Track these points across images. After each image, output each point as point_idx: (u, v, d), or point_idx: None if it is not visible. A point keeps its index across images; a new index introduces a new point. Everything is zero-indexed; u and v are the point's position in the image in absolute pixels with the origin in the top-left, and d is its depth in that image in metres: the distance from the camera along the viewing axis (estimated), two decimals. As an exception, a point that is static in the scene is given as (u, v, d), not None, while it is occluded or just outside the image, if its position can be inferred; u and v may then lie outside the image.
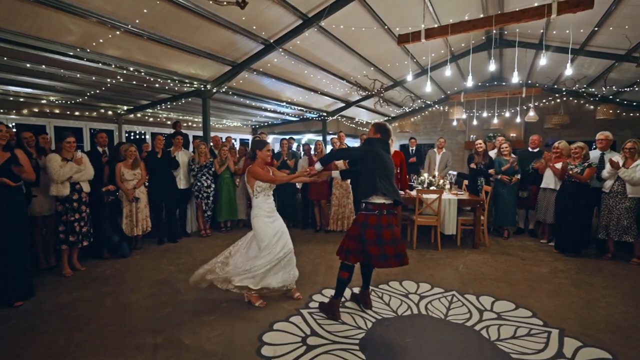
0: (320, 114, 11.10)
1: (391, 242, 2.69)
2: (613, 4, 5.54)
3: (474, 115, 10.10)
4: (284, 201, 5.97)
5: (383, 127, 2.98)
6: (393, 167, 2.90)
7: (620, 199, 4.19)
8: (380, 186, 2.70)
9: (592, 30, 6.71)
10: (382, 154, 2.81)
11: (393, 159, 4.83)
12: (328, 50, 7.26)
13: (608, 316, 2.86)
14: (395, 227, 2.81)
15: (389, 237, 2.69)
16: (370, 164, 2.79)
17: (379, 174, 2.73)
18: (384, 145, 2.91)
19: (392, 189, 2.77)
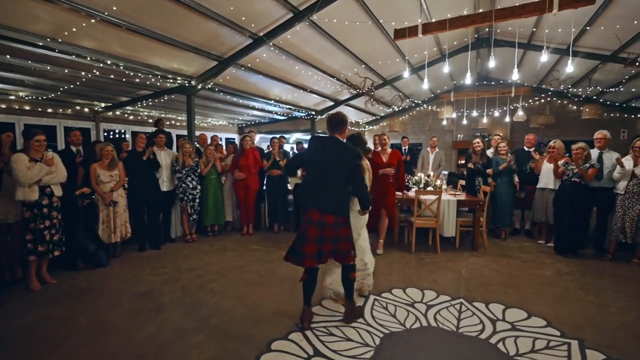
0: (308, 112, 10.84)
1: (315, 241, 2.60)
2: (601, 6, 5.52)
3: (463, 115, 10.06)
4: (275, 202, 5.68)
5: (329, 117, 2.77)
6: (331, 166, 2.61)
7: (637, 200, 4.09)
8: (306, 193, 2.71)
9: (581, 30, 6.72)
10: (312, 154, 2.70)
11: (390, 158, 4.69)
12: (319, 46, 7.01)
13: (624, 323, 2.73)
14: (330, 227, 2.58)
15: (314, 235, 2.60)
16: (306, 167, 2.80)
17: (309, 177, 2.72)
18: (323, 141, 2.70)
19: (313, 196, 2.63)
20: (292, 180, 5.79)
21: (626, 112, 10.83)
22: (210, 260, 4.32)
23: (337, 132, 2.72)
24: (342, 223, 2.65)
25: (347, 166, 2.60)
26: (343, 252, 2.66)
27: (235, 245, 4.99)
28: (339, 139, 2.73)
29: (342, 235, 2.65)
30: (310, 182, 2.70)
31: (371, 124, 14.19)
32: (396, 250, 4.73)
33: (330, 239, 2.62)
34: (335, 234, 2.62)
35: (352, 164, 2.60)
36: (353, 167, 2.60)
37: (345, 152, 2.63)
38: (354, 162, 2.61)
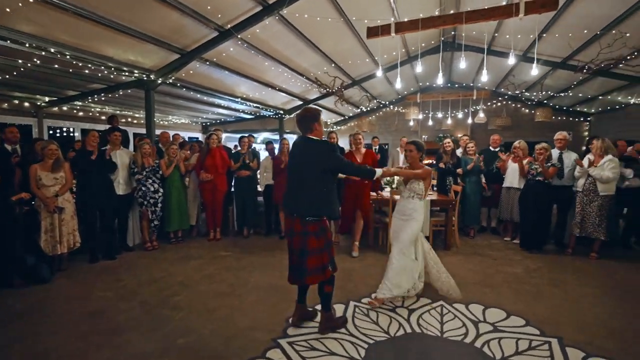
0: (277, 111, 10.57)
1: (298, 254, 2.48)
2: (554, 16, 5.84)
3: (429, 116, 10.31)
4: (244, 204, 5.37)
5: (297, 117, 2.61)
6: (305, 168, 2.47)
7: (593, 197, 4.32)
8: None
9: (536, 37, 7.10)
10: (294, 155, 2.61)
11: (365, 158, 4.60)
12: (288, 43, 6.79)
13: (596, 318, 2.82)
14: (312, 236, 2.43)
15: (297, 245, 2.48)
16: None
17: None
18: (297, 143, 2.59)
19: (290, 200, 2.54)
20: (262, 181, 5.52)
21: (571, 116, 11.69)
22: (174, 270, 3.95)
23: (308, 131, 2.52)
24: (312, 232, 2.44)
25: (323, 166, 2.44)
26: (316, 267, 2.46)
27: (202, 252, 4.63)
28: (311, 137, 2.52)
29: (309, 247, 2.44)
30: (288, 188, 2.62)
31: (339, 124, 14.18)
32: (372, 252, 4.65)
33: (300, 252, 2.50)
34: (302, 245, 2.47)
35: (328, 160, 2.45)
36: (329, 162, 2.45)
37: (318, 151, 2.45)
38: (328, 157, 2.46)
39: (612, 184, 4.27)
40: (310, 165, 2.44)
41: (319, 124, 2.54)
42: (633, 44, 5.99)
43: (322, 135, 2.60)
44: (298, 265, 2.47)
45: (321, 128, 2.56)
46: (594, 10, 5.51)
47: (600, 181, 4.25)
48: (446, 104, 10.57)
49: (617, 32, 5.87)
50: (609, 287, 3.45)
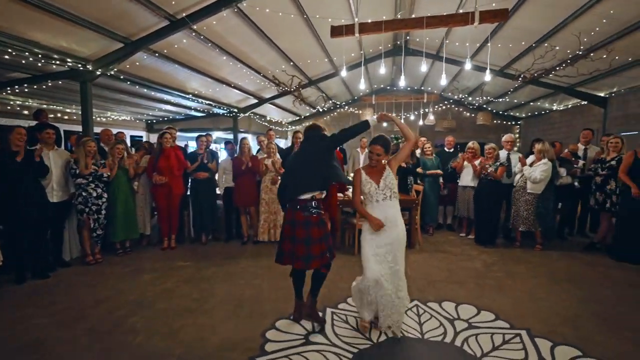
0: (230, 109, 10.09)
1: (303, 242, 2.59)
2: (496, 28, 6.35)
3: (384, 117, 10.63)
4: (202, 209, 4.99)
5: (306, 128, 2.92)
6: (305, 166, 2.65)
7: (522, 193, 4.73)
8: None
9: (479, 46, 7.66)
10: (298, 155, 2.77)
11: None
12: (246, 38, 6.49)
13: (552, 307, 3.05)
14: (314, 226, 2.61)
15: (301, 235, 2.59)
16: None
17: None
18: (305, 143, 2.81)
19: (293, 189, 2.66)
20: (221, 183, 5.18)
21: (505, 119, 12.87)
22: (125, 287, 3.50)
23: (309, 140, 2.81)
24: (315, 223, 2.64)
25: (323, 152, 2.66)
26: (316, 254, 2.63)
27: (156, 264, 4.19)
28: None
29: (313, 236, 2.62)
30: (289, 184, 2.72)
31: (294, 124, 14.03)
32: (339, 254, 4.57)
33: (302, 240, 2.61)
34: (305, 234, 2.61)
35: (324, 142, 2.69)
36: (326, 144, 2.69)
37: (318, 142, 2.70)
38: (323, 141, 2.71)
39: (541, 184, 4.68)
40: (312, 158, 2.66)
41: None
42: (560, 56, 6.71)
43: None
44: (304, 253, 2.58)
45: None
46: (530, 25, 6.04)
47: (530, 180, 4.68)
48: (399, 106, 10.99)
49: (549, 45, 6.53)
50: (555, 276, 3.79)
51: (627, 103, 7.80)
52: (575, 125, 9.81)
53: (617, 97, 8.10)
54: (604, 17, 5.25)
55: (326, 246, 2.66)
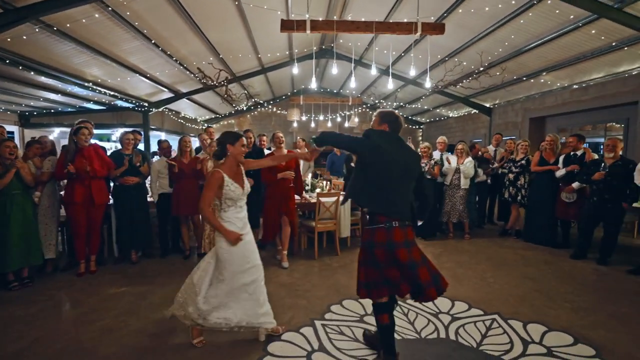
0: (139, 103, 8.72)
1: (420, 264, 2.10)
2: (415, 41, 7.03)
3: (311, 118, 10.70)
4: (132, 221, 4.12)
5: (391, 115, 2.24)
6: (407, 173, 2.17)
7: (457, 189, 5.34)
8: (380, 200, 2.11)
9: (398, 56, 8.38)
10: (387, 153, 2.11)
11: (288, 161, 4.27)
12: (169, 22, 5.71)
13: (503, 289, 3.48)
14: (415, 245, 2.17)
15: (405, 258, 2.05)
16: (369, 165, 2.13)
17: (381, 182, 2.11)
18: (392, 141, 2.18)
19: (394, 205, 2.09)
20: (155, 189, 4.40)
21: (411, 124, 14.40)
22: (43, 333, 2.61)
23: (398, 133, 2.28)
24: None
25: (419, 169, 2.28)
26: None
27: (79, 295, 3.28)
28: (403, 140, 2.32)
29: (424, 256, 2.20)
30: (385, 189, 2.11)
31: (210, 122, 13.00)
32: (299, 259, 4.39)
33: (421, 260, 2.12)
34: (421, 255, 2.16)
35: (420, 167, 2.32)
36: (421, 170, 2.32)
37: (414, 153, 2.35)
38: (420, 165, 2.36)
39: (469, 179, 5.43)
40: (413, 171, 2.20)
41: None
42: (465, 71, 7.80)
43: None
44: (431, 276, 2.11)
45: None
46: (443, 41, 6.82)
47: (464, 175, 5.34)
48: (325, 108, 11.21)
49: (458, 60, 7.53)
50: (492, 261, 4.36)
51: (506, 113, 9.56)
52: (468, 130, 11.61)
53: (499, 107, 9.86)
54: (503, 41, 6.29)
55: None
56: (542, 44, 6.00)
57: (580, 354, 2.35)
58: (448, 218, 5.46)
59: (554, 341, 2.52)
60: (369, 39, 8.00)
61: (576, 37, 5.54)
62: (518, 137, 8.25)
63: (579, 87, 7.06)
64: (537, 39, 5.95)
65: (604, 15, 4.67)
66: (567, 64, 6.41)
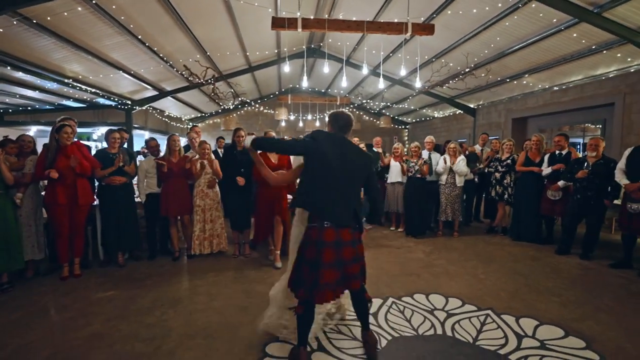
0: (122, 101, 8.47)
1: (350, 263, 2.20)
2: (402, 42, 7.13)
3: (299, 118, 10.66)
4: (118, 222, 3.97)
5: (336, 116, 2.32)
6: (350, 174, 2.19)
7: (453, 188, 5.42)
8: (314, 201, 2.17)
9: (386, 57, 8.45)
10: (327, 155, 2.13)
11: (280, 158, 4.22)
12: (155, 18, 5.59)
13: (495, 285, 3.55)
14: (361, 243, 2.32)
15: (349, 255, 2.17)
16: (310, 167, 2.22)
17: (318, 183, 2.16)
18: (336, 142, 2.20)
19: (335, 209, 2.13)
20: (143, 189, 4.26)
21: (397, 124, 14.56)
22: (28, 339, 2.48)
23: (347, 132, 2.36)
24: (358, 239, 2.29)
25: (366, 171, 2.31)
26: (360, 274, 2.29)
27: (64, 300, 3.13)
28: (350, 140, 2.35)
29: (361, 254, 2.32)
30: (321, 190, 2.15)
31: (196, 121, 12.78)
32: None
33: (351, 260, 2.20)
34: (354, 253, 2.22)
35: (370, 169, 2.34)
36: (370, 172, 2.34)
37: (363, 155, 2.33)
38: (371, 167, 2.36)
39: (462, 177, 5.54)
40: (359, 171, 2.26)
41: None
42: (451, 72, 7.94)
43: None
44: (360, 271, 2.28)
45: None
46: (430, 42, 6.92)
47: (458, 174, 5.44)
48: (314, 107, 11.19)
49: (444, 61, 7.66)
50: (481, 258, 4.45)
51: (490, 113, 9.80)
52: (453, 130, 11.83)
53: (482, 108, 10.10)
54: (489, 43, 6.44)
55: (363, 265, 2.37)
56: (525, 47, 6.18)
57: (571, 346, 2.42)
58: (446, 217, 5.50)
59: (546, 334, 2.58)
60: (357, 38, 8.04)
61: (558, 40, 5.73)
62: (501, 137, 8.47)
63: (559, 89, 7.31)
64: (521, 42, 6.12)
65: (585, 20, 4.85)
66: (548, 67, 6.63)
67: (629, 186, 3.80)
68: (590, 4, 4.74)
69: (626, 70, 5.91)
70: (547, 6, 4.76)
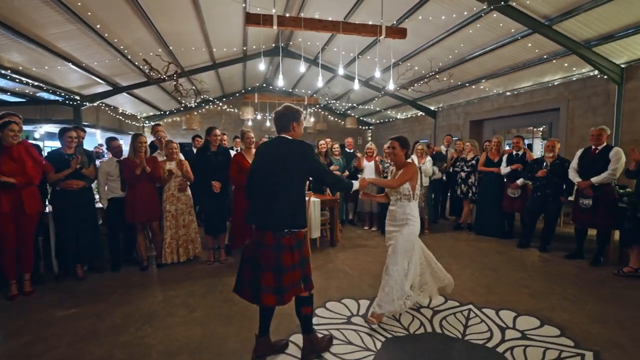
0: (69, 96, 7.69)
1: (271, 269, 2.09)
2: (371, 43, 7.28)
3: (266, 117, 10.41)
4: (77, 229, 3.56)
5: (275, 114, 2.27)
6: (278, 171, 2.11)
7: (426, 188, 5.61)
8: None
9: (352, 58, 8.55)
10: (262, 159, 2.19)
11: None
12: (112, 6, 5.14)
13: (471, 280, 3.72)
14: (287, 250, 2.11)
15: (268, 261, 2.09)
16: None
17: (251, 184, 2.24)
18: (271, 144, 2.23)
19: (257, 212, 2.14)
20: (104, 194, 3.88)
21: (361, 125, 14.84)
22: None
23: (285, 130, 2.23)
24: (287, 246, 2.11)
25: (300, 165, 2.13)
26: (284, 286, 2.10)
27: (17, 321, 2.73)
28: (286, 137, 2.21)
29: (284, 264, 2.10)
30: (252, 195, 2.22)
31: (153, 119, 12.00)
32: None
33: (267, 266, 2.09)
34: (275, 261, 2.09)
35: (306, 163, 2.14)
36: (308, 165, 2.15)
37: (295, 151, 2.13)
38: (306, 159, 2.14)
39: (428, 177, 5.77)
40: (285, 168, 2.11)
41: (298, 125, 2.24)
42: (416, 75, 8.25)
43: (299, 137, 2.25)
44: (275, 284, 2.08)
45: (300, 130, 2.26)
46: (398, 46, 7.13)
47: (425, 174, 5.65)
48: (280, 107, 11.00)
49: (409, 65, 7.93)
50: (453, 254, 4.65)
51: (450, 116, 10.33)
52: (415, 131, 12.31)
53: (443, 110, 10.62)
54: (452, 49, 6.78)
55: (301, 275, 2.19)
56: (484, 54, 6.59)
57: (548, 335, 2.60)
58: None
59: (525, 325, 2.75)
60: (326, 39, 8.04)
61: (513, 48, 6.17)
62: (460, 138, 8.97)
63: (511, 94, 7.90)
64: (481, 49, 6.51)
65: (537, 31, 5.27)
66: (503, 73, 7.13)
67: (581, 183, 4.19)
68: (542, 17, 5.17)
69: (569, 79, 6.53)
70: (506, 17, 5.10)
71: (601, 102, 6.01)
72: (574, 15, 4.81)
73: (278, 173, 2.10)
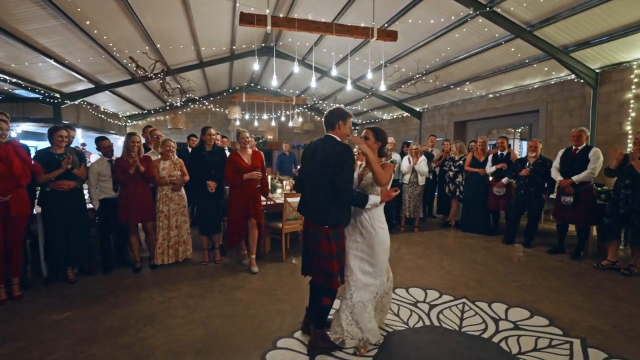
0: (48, 94, 7.40)
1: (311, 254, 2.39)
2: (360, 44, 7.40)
3: (254, 117, 10.34)
4: (67, 231, 3.46)
5: (326, 112, 2.45)
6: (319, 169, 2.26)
7: (416, 187, 5.74)
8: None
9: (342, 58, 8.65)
10: (307, 155, 2.46)
11: (254, 160, 4.08)
12: (97, 1, 4.98)
13: (463, 275, 3.86)
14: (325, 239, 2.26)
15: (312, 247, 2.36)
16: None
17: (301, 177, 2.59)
18: (318, 141, 2.44)
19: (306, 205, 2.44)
20: (95, 194, 3.78)
21: (348, 125, 14.93)
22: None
23: (331, 127, 2.38)
24: (324, 235, 2.28)
25: (327, 167, 2.23)
26: (325, 271, 2.31)
27: (9, 327, 2.63)
28: (332, 136, 2.37)
29: (322, 250, 2.29)
30: (302, 188, 2.53)
31: (135, 119, 11.71)
32: (266, 262, 4.22)
33: (313, 252, 2.36)
34: (315, 247, 2.32)
35: (332, 163, 2.21)
36: (334, 166, 2.21)
37: (329, 153, 2.25)
38: (333, 161, 2.21)
39: (424, 176, 5.92)
40: (322, 165, 2.27)
41: (345, 124, 2.38)
42: (403, 76, 8.42)
43: (345, 138, 2.40)
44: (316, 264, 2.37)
45: (345, 129, 2.36)
46: (385, 47, 7.26)
47: (420, 174, 5.80)
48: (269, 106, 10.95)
49: (397, 67, 8.09)
50: (444, 251, 4.80)
51: (434, 117, 10.59)
52: (400, 132, 12.54)
53: (428, 112, 10.88)
54: (439, 52, 6.97)
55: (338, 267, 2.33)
56: (469, 57, 6.82)
57: (539, 324, 2.75)
58: (408, 213, 5.81)
59: (516, 316, 2.89)
60: (314, 39, 8.08)
61: (497, 52, 6.42)
62: (444, 138, 9.22)
63: (493, 96, 8.19)
64: (466, 52, 6.73)
65: (520, 36, 5.50)
66: (486, 76, 7.39)
67: (562, 182, 4.41)
68: (524, 23, 5.41)
69: (548, 82, 6.84)
70: (491, 22, 5.31)
71: (578, 105, 6.33)
72: (553, 22, 5.06)
73: (316, 169, 2.29)
